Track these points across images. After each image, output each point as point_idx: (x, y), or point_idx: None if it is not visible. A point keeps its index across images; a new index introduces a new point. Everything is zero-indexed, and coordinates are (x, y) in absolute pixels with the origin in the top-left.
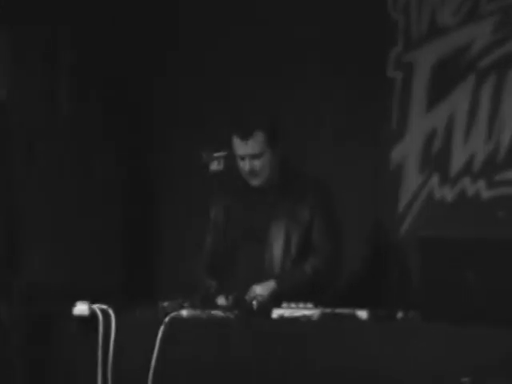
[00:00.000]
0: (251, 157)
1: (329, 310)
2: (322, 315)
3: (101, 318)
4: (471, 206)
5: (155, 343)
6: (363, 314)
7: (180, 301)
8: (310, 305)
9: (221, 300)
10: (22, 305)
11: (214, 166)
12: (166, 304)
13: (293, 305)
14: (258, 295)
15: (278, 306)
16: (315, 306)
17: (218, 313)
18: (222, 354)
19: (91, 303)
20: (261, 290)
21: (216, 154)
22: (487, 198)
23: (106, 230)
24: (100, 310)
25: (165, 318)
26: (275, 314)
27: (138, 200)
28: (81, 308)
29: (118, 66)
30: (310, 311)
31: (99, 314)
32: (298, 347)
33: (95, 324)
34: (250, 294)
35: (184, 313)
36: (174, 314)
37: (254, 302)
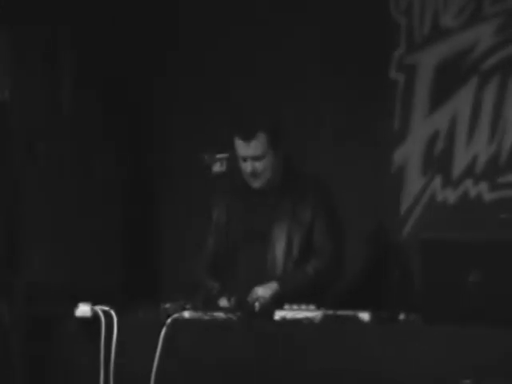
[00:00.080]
0: (253, 158)
1: (331, 312)
2: (324, 317)
3: (103, 319)
4: (473, 208)
5: (157, 345)
6: (365, 316)
7: (182, 302)
8: (312, 306)
9: (223, 302)
10: (23, 305)
11: (217, 167)
12: (167, 305)
13: (295, 306)
14: (260, 297)
15: (280, 308)
16: (317, 308)
17: (220, 314)
18: (224, 355)
19: (93, 304)
20: (263, 291)
21: (218, 156)
22: (489, 201)
23: (106, 229)
24: (102, 312)
25: (167, 320)
26: (277, 315)
27: (138, 200)
28: (83, 309)
29: (118, 66)
30: (312, 313)
31: (101, 315)
32: (300, 349)
33: (97, 325)
34: (252, 296)
35: (186, 314)
36: (176, 316)
37: (256, 304)
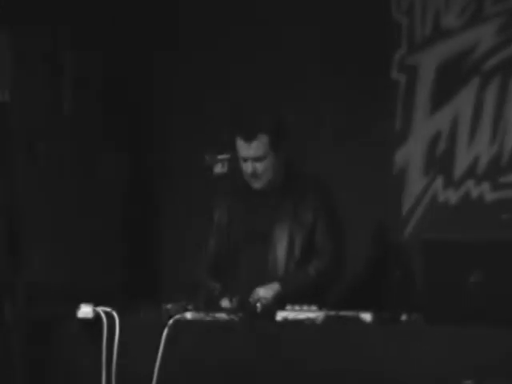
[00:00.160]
0: (254, 159)
1: (333, 313)
2: (326, 318)
3: (105, 320)
4: (475, 208)
5: (159, 346)
6: (367, 317)
7: (184, 303)
8: (314, 307)
9: (225, 302)
10: (23, 305)
11: (218, 168)
12: (169, 306)
13: (297, 307)
14: (261, 297)
15: (282, 309)
16: (319, 309)
17: (222, 315)
18: (226, 356)
19: (95, 305)
20: (265, 292)
21: (220, 157)
22: (491, 201)
23: (106, 229)
24: (104, 313)
25: (169, 321)
26: (279, 316)
27: (138, 200)
28: (85, 311)
29: (118, 66)
30: (314, 314)
31: (103, 316)
32: (301, 350)
33: (99, 327)
34: (253, 297)
35: (188, 315)
36: (177, 317)
37: (258, 305)
